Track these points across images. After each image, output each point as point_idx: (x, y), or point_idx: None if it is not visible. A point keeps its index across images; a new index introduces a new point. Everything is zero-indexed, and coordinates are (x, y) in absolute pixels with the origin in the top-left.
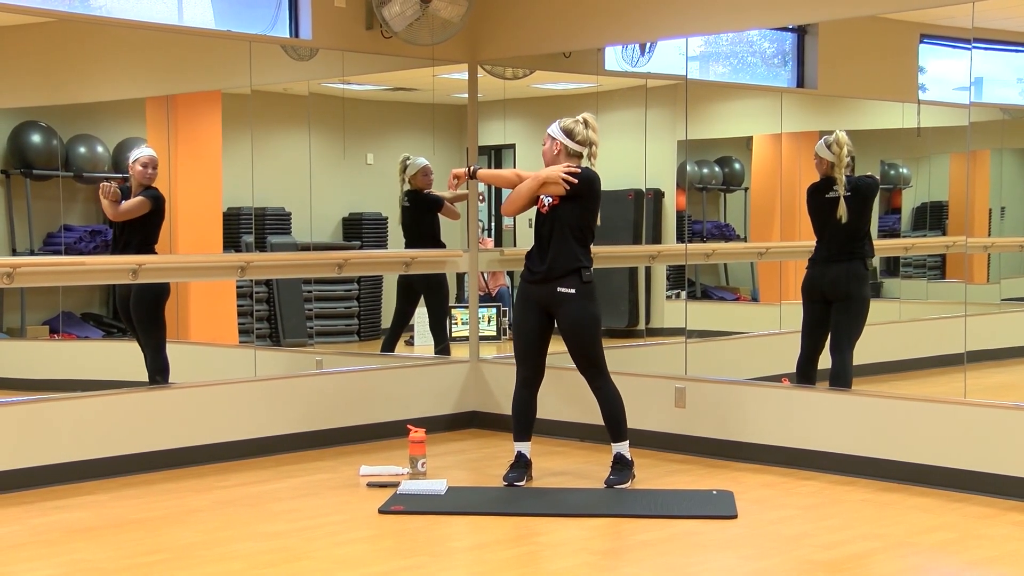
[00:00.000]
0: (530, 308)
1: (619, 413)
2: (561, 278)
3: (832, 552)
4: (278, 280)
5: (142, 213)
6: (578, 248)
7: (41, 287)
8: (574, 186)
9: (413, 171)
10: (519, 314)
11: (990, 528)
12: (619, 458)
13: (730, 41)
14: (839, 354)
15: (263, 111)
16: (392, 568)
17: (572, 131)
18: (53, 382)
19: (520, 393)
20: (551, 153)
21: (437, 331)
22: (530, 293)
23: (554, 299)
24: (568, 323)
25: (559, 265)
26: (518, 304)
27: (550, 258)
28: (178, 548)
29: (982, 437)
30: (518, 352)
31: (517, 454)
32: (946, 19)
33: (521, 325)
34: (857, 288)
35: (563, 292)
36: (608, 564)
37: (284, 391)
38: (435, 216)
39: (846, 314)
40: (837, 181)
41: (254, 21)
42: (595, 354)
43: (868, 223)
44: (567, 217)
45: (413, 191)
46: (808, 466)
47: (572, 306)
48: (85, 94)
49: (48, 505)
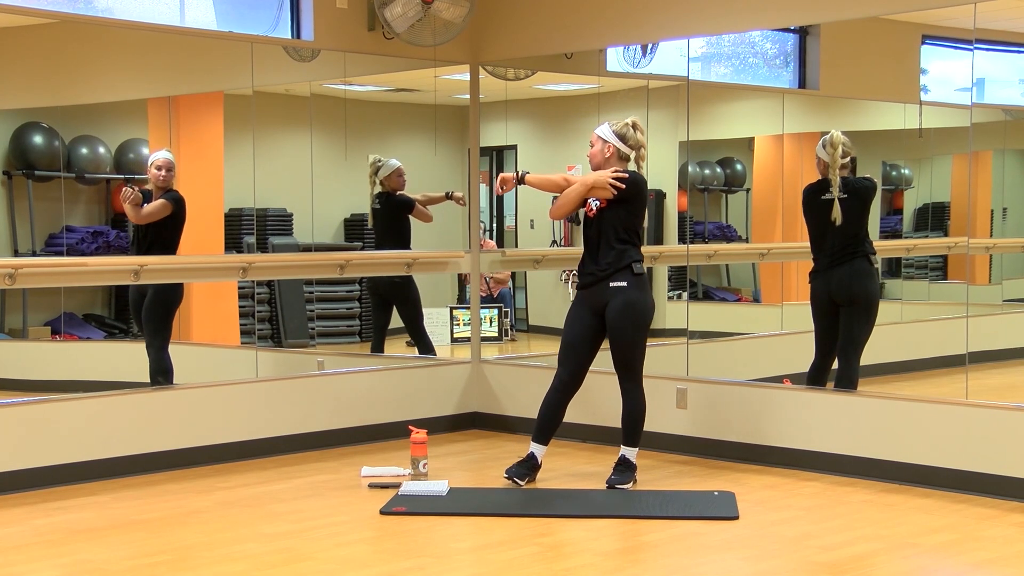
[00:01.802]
0: (583, 311)
1: (641, 419)
2: (613, 275)
3: (834, 553)
4: (280, 281)
5: (164, 215)
6: (628, 247)
7: (43, 288)
8: (622, 191)
9: (387, 172)
10: (572, 314)
11: (992, 529)
12: (624, 460)
13: (732, 42)
14: (846, 358)
15: (265, 112)
16: (394, 569)
17: (624, 135)
18: (55, 383)
19: (552, 396)
20: (601, 155)
21: (416, 338)
22: (583, 298)
23: (606, 294)
24: (616, 311)
25: (610, 263)
26: (572, 307)
27: (601, 260)
28: (180, 549)
29: (984, 438)
30: (562, 350)
31: (529, 454)
32: (948, 20)
33: (572, 323)
34: (863, 287)
35: (615, 286)
36: (610, 565)
37: (286, 392)
38: (406, 218)
39: (855, 317)
40: (832, 182)
41: (256, 22)
42: (635, 352)
43: (865, 226)
44: (615, 220)
45: (384, 193)
46: (810, 467)
47: (622, 296)
48: (87, 95)
49: (50, 506)
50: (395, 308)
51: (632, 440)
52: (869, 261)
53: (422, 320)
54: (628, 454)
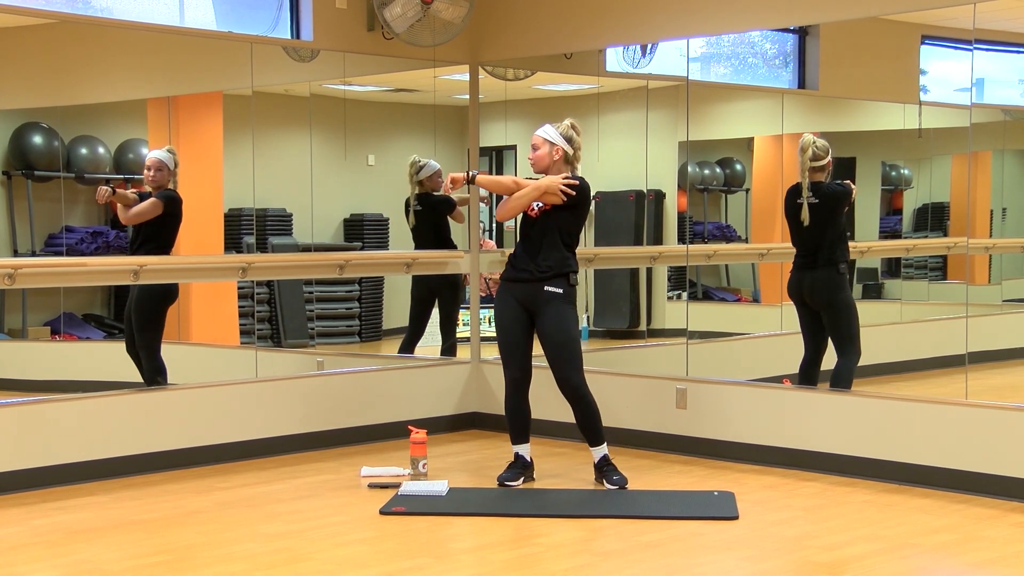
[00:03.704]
0: (512, 307)
1: (599, 417)
2: (551, 279)
3: (833, 553)
4: (279, 281)
5: (154, 215)
6: (568, 253)
7: (42, 288)
8: (571, 197)
9: (428, 173)
10: (502, 314)
11: (992, 529)
12: (606, 460)
13: (731, 42)
14: (842, 357)
15: (264, 112)
16: (393, 569)
17: (571, 138)
18: (54, 383)
19: (512, 398)
20: (549, 158)
21: (446, 328)
22: (513, 292)
23: (540, 298)
24: (550, 323)
25: (549, 267)
26: (499, 305)
27: (541, 260)
28: (179, 549)
29: (984, 438)
30: (504, 352)
31: (515, 455)
32: (947, 20)
33: (506, 324)
34: (833, 294)
35: (550, 291)
36: (610, 565)
37: (285, 392)
38: (446, 219)
39: (833, 320)
40: (803, 185)
41: (255, 22)
42: (576, 356)
43: (837, 230)
44: (559, 223)
45: (425, 193)
46: (809, 467)
47: (556, 307)
48: (86, 95)
49: (49, 506)
50: (437, 298)
51: (600, 438)
52: (838, 270)
53: (457, 312)
54: (605, 451)
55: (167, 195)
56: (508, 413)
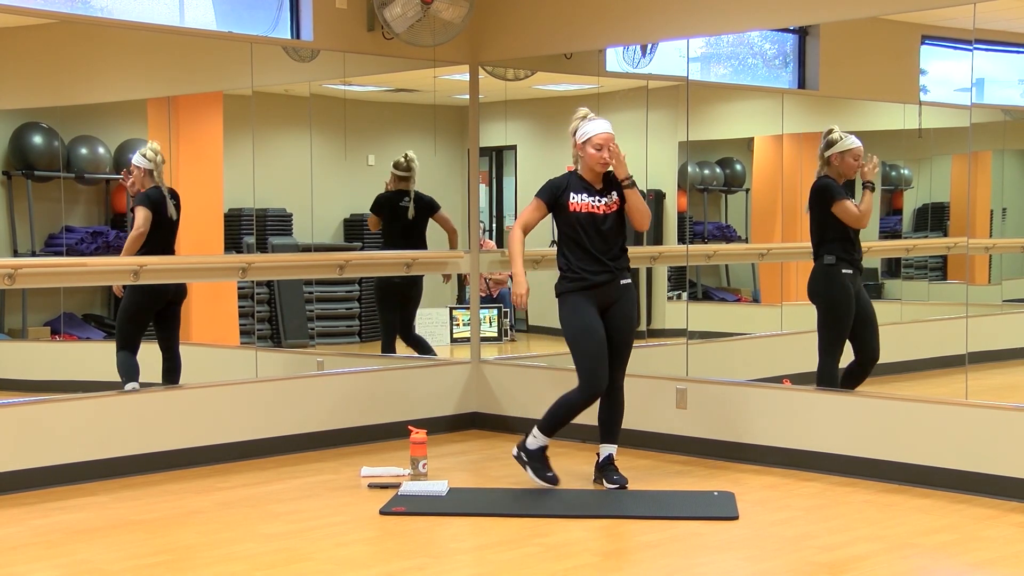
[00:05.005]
0: (593, 312)
1: (622, 417)
2: (622, 271)
3: (833, 553)
4: (279, 281)
5: (144, 222)
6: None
7: (42, 288)
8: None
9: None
10: (586, 320)
11: (992, 530)
12: (611, 459)
13: (731, 42)
14: (819, 355)
15: (264, 112)
16: (393, 569)
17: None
18: (54, 383)
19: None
20: (617, 157)
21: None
22: (592, 296)
23: (616, 292)
24: (625, 313)
25: (624, 260)
26: (580, 312)
27: (617, 255)
28: (179, 549)
29: (984, 438)
30: (595, 358)
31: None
32: (947, 20)
33: (594, 330)
34: (814, 290)
35: (626, 284)
36: (610, 565)
37: (285, 392)
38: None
39: (818, 318)
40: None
41: (255, 22)
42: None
43: (825, 226)
44: (622, 217)
45: (418, 192)
46: (809, 467)
47: (631, 298)
48: (86, 95)
49: (49, 506)
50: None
51: (616, 438)
52: (824, 265)
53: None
54: (614, 451)
55: (141, 200)
56: (565, 411)
